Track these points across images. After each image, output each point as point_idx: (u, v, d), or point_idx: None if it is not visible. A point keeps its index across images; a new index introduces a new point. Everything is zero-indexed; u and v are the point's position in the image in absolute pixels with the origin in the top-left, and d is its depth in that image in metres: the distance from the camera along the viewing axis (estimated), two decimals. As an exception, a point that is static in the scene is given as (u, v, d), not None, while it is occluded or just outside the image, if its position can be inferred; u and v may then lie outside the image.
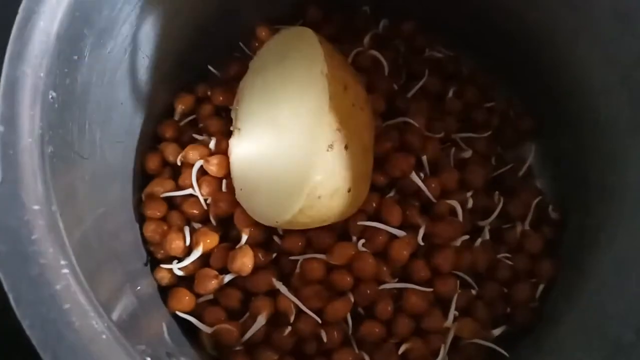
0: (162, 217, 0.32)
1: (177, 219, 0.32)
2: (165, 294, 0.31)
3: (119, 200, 0.31)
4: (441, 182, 0.33)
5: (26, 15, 0.22)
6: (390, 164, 0.32)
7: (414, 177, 0.32)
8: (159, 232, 0.32)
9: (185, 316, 0.30)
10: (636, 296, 0.27)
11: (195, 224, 0.33)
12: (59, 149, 0.23)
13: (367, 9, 0.40)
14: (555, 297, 0.33)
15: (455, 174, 0.34)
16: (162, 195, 0.32)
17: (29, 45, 0.22)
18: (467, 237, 0.33)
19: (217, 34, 0.37)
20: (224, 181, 0.32)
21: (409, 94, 0.36)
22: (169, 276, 0.31)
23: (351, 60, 0.36)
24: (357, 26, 0.39)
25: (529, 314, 0.33)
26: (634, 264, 0.28)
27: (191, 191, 0.32)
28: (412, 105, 0.36)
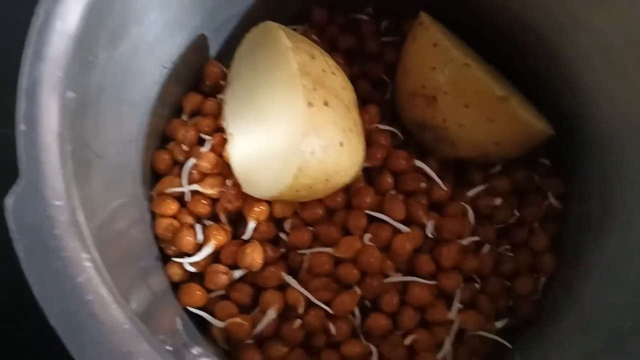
0: (173, 214, 0.33)
1: (188, 216, 0.33)
2: (177, 290, 0.32)
3: (130, 197, 0.31)
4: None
5: (45, 16, 0.23)
6: (391, 160, 0.33)
7: (419, 163, 0.34)
8: (171, 229, 0.32)
9: (196, 311, 0.31)
10: (635, 288, 0.28)
11: (206, 221, 0.33)
12: (77, 147, 0.24)
13: (370, 9, 0.41)
14: (556, 290, 0.34)
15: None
16: (168, 191, 0.33)
17: (48, 46, 0.23)
18: (476, 238, 0.34)
19: (228, 37, 0.38)
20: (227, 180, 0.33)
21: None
22: (181, 272, 0.32)
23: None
24: (360, 27, 0.40)
25: (531, 307, 0.34)
26: (633, 257, 0.29)
27: (197, 187, 0.32)
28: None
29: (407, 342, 0.31)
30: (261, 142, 0.30)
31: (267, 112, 0.30)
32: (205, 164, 0.32)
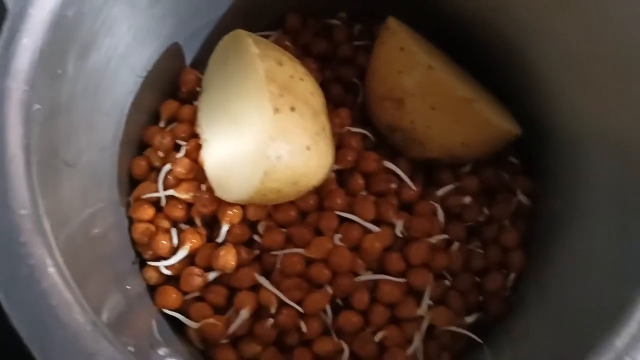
0: (150, 219, 0.34)
1: (164, 221, 0.34)
2: (153, 292, 0.33)
3: (106, 203, 0.32)
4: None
5: (10, 33, 0.24)
6: (361, 162, 0.34)
7: (389, 164, 0.34)
8: (147, 233, 0.33)
9: (172, 313, 0.32)
10: (600, 284, 0.28)
11: (182, 225, 0.34)
12: (45, 157, 0.25)
13: (343, 14, 0.42)
14: (525, 286, 0.35)
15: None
16: (145, 196, 0.34)
17: (13, 60, 0.24)
18: (445, 236, 0.34)
19: (203, 44, 0.39)
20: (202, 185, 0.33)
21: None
22: (157, 276, 0.33)
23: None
24: (334, 32, 0.41)
25: (501, 303, 0.34)
26: (598, 253, 0.30)
27: (172, 192, 0.33)
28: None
29: (377, 339, 0.32)
30: (234, 148, 0.31)
31: (238, 118, 0.31)
32: (180, 170, 0.33)
